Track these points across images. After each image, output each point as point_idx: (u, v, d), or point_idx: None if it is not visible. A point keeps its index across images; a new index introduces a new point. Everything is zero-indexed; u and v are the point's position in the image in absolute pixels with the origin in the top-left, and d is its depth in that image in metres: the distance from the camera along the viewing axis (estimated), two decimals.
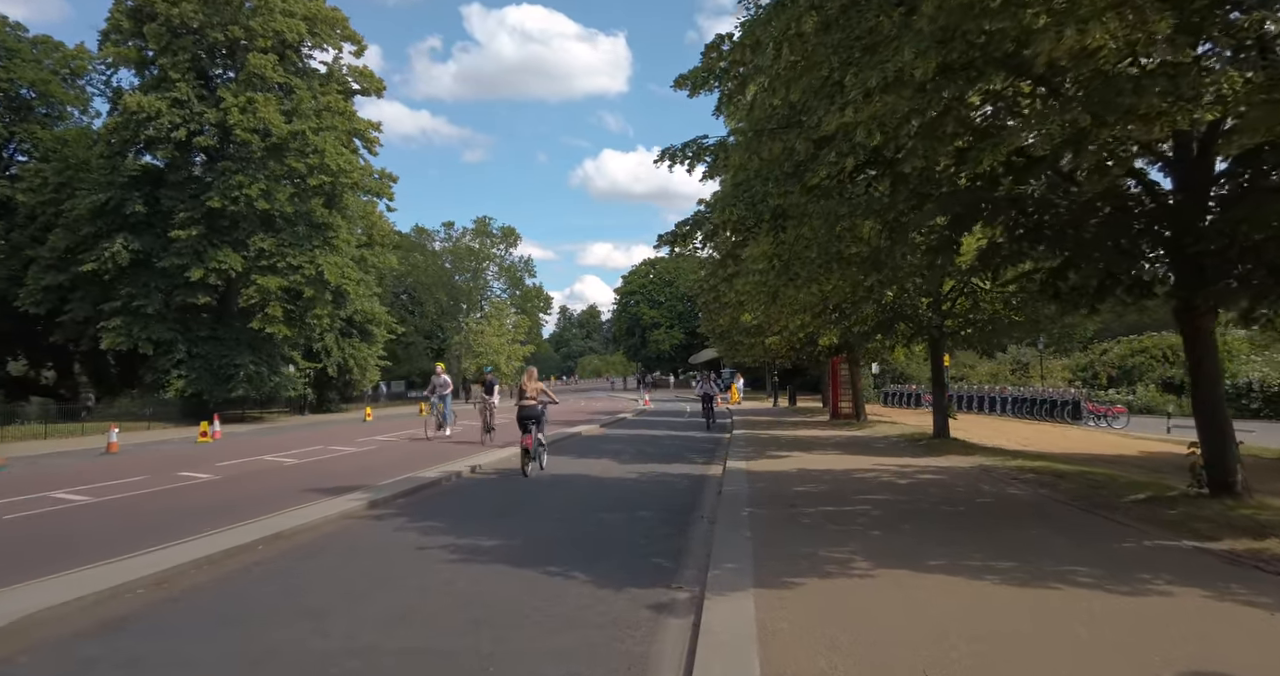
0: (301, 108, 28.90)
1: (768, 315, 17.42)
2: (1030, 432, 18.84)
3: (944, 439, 14.42)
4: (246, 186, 27.61)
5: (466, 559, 5.88)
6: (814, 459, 12.31)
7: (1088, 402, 22.81)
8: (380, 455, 14.46)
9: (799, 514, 7.25)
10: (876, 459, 12.00)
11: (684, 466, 12.54)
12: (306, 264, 29.41)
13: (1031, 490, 8.06)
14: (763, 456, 12.87)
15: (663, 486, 10.29)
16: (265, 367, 30.75)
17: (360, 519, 7.68)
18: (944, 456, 11.95)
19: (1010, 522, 6.44)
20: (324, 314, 31.15)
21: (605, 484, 10.47)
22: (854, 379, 23.14)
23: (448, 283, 60.50)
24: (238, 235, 28.89)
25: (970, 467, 10.38)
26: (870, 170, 7.43)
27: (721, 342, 31.88)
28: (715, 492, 9.29)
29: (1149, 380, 37.92)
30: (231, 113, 26.99)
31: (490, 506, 8.52)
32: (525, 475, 10.98)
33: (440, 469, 11.29)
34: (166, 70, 27.24)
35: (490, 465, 12.38)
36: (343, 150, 29.99)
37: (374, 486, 9.67)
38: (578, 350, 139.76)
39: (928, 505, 7.46)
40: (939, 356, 14.91)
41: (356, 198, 34.30)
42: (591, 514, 8.03)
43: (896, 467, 10.73)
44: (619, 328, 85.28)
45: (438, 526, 7.20)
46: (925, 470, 10.31)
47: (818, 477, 9.87)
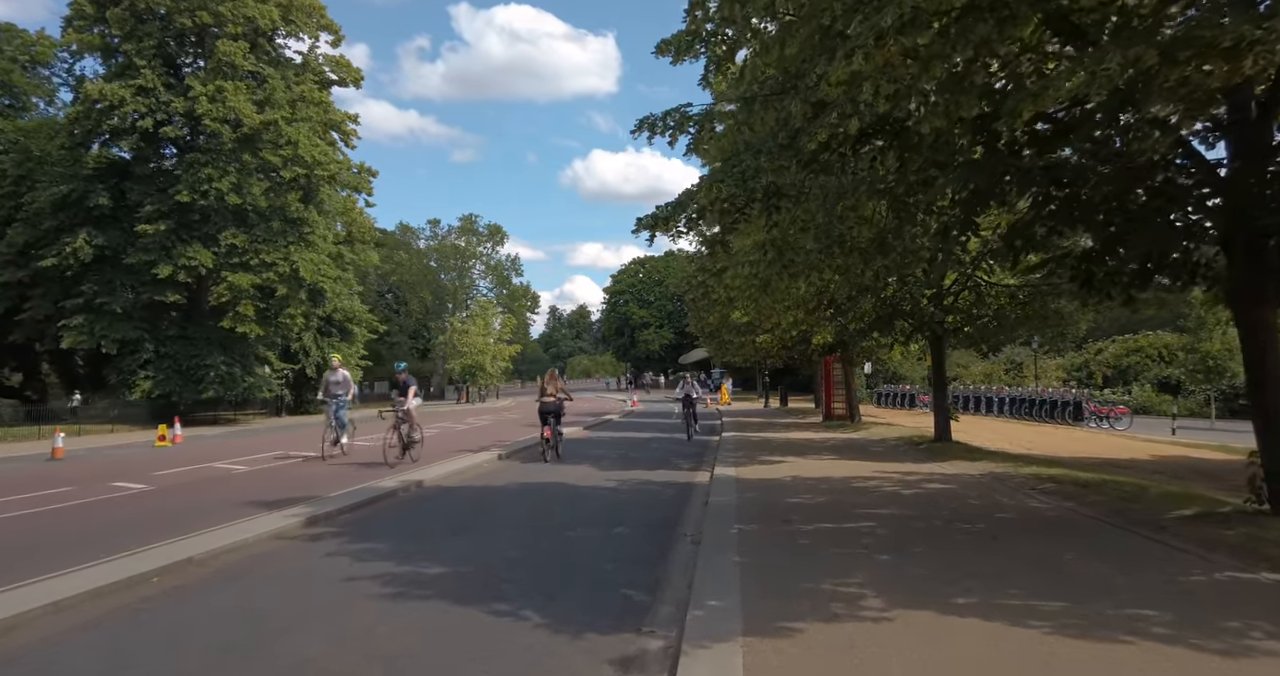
0: (274, 98, 27.76)
1: (759, 311, 16.50)
2: (1033, 435, 18.02)
3: (945, 442, 13.56)
4: (217, 179, 26.49)
5: (400, 594, 4.91)
6: (808, 465, 11.40)
7: (1089, 403, 22.03)
8: (341, 461, 13.43)
9: (795, 532, 6.33)
10: (876, 465, 11.10)
11: (669, 473, 11.61)
12: (281, 261, 28.28)
13: (1055, 503, 7.16)
14: (753, 462, 11.95)
15: (644, 496, 9.35)
16: (238, 368, 29.60)
17: (293, 540, 6.68)
18: (948, 462, 11.07)
19: (1042, 544, 5.53)
20: (299, 312, 30.01)
21: (581, 494, 9.51)
22: (848, 379, 22.29)
23: (433, 281, 59.33)
24: (208, 230, 27.75)
25: (980, 475, 9.49)
26: (876, 140, 6.52)
27: (711, 342, 30.98)
28: (702, 504, 8.37)
29: (1145, 380, 37.40)
30: (200, 102, 25.85)
31: (446, 522, 7.55)
32: (545, 460, 13.09)
33: (400, 478, 10.29)
34: (131, 57, 26.07)
35: (456, 473, 11.39)
36: (318, 142, 28.88)
37: (322, 498, 8.68)
38: (567, 350, 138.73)
39: (941, 522, 6.55)
40: (940, 355, 14.04)
41: (334, 192, 33.17)
42: (560, 531, 7.07)
43: (899, 475, 9.83)
44: (608, 327, 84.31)
45: (379, 549, 6.23)
46: (931, 478, 9.40)
47: (814, 487, 8.96)
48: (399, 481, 9.87)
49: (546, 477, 11.01)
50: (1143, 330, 40.55)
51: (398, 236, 60.52)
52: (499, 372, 48.41)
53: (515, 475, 11.37)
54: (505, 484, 10.30)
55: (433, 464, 12.14)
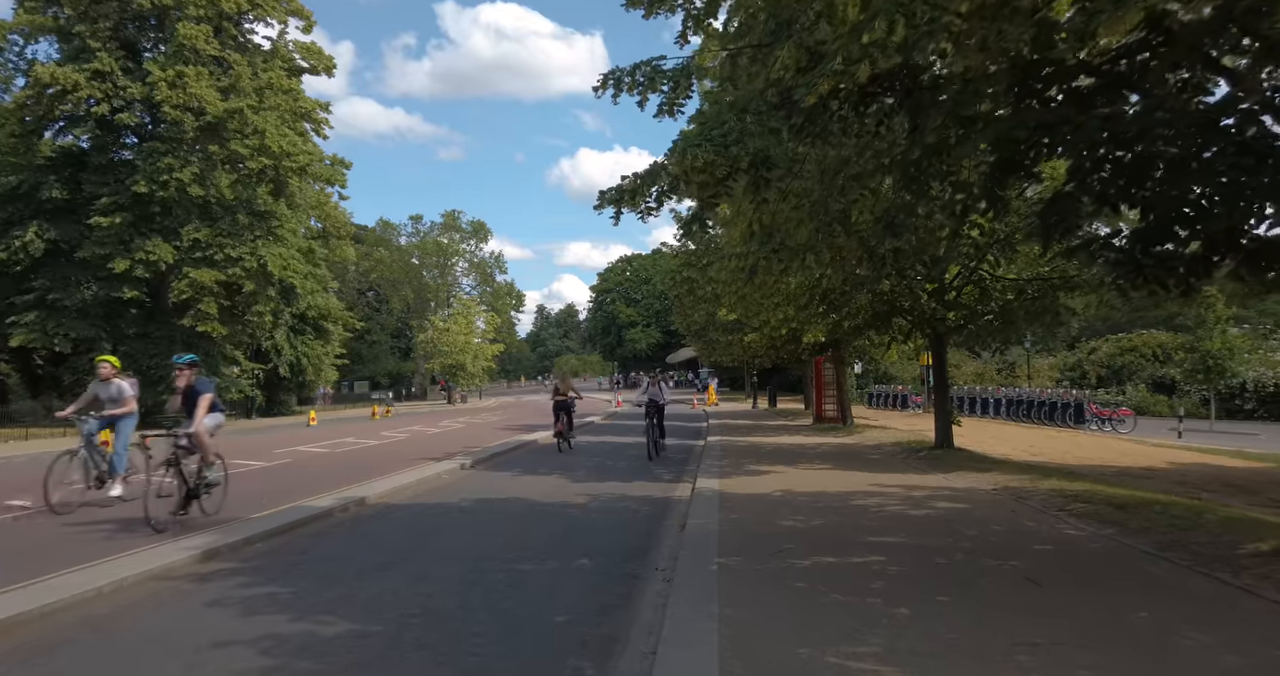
0: (240, 85, 26.41)
1: (745, 308, 15.41)
2: (1035, 439, 17.05)
3: (948, 449, 12.52)
4: (178, 169, 25.16)
5: (277, 669, 3.76)
6: (800, 476, 10.31)
7: (1091, 405, 21.11)
8: (287, 472, 12.22)
9: (788, 569, 5.23)
10: (875, 476, 10.03)
11: (646, 486, 10.48)
12: (247, 255, 26.97)
13: (1094, 530, 6.10)
14: (740, 471, 10.86)
15: (616, 515, 8.22)
16: (202, 368, 28.19)
17: (178, 580, 5.50)
18: (955, 473, 10.01)
19: (1101, 595, 4.45)
20: (267, 310, 28.69)
21: (544, 512, 8.38)
22: (839, 379, 21.26)
23: (415, 279, 57.94)
24: (169, 224, 26.41)
25: (993, 490, 8.43)
26: (885, 98, 5.42)
27: (698, 341, 29.90)
28: (680, 526, 7.26)
29: (1139, 380, 36.68)
30: (159, 87, 24.50)
31: (376, 553, 6.39)
32: (560, 451, 14.54)
33: (340, 495, 9.11)
34: (85, 40, 24.68)
35: (407, 487, 10.20)
36: (287, 132, 27.55)
37: (242, 520, 7.51)
38: (554, 349, 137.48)
39: (963, 555, 5.46)
40: (941, 355, 13.00)
41: (306, 185, 31.83)
42: (510, 564, 5.94)
43: (902, 490, 8.76)
44: (594, 326, 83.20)
45: (278, 595, 5.07)
46: (940, 494, 8.33)
47: (808, 506, 7.86)
48: (336, 499, 8.69)
49: (509, 492, 9.86)
50: (1136, 329, 39.89)
51: (378, 233, 59.12)
52: (480, 372, 47.07)
53: (475, 489, 10.21)
54: (460, 500, 9.14)
55: (385, 476, 10.96)
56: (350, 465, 12.93)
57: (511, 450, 15.48)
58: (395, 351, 63.36)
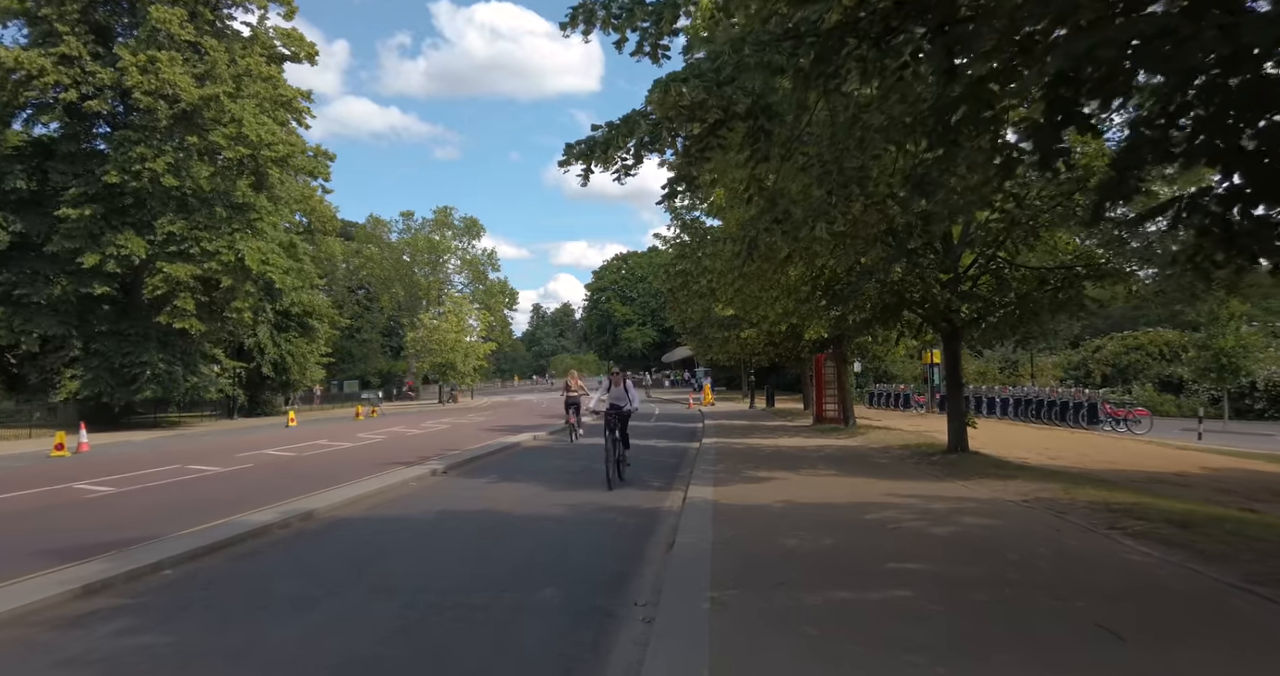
0: (217, 71, 25.29)
1: (743, 302, 14.40)
2: (1050, 441, 16.07)
3: (963, 453, 11.54)
4: (151, 159, 24.04)
5: None
6: (803, 484, 9.31)
7: (1105, 405, 20.13)
8: (241, 479, 11.20)
9: (795, 608, 4.23)
10: (887, 484, 9.03)
11: (632, 494, 9.47)
12: (225, 249, 25.82)
13: (1160, 554, 5.10)
14: (737, 478, 9.86)
15: (596, 531, 7.21)
16: (179, 366, 27.18)
17: (35, 626, 4.46)
18: (975, 480, 9.02)
19: (1195, 649, 3.46)
20: (246, 306, 27.60)
21: (513, 528, 7.36)
22: (840, 378, 20.24)
23: (405, 277, 56.80)
24: (142, 216, 25.28)
25: (1024, 502, 7.43)
26: (915, 28, 4.42)
27: (693, 338, 28.89)
28: (668, 545, 6.27)
29: (1145, 378, 35.80)
30: (130, 73, 23.36)
31: (303, 583, 5.37)
32: (572, 442, 16.10)
33: (286, 508, 8.08)
34: (53, 22, 23.53)
35: (366, 496, 9.17)
36: (265, 120, 26.43)
37: (161, 538, 6.49)
38: (550, 348, 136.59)
39: (1012, 590, 4.46)
40: (955, 351, 12.00)
41: (289, 177, 30.72)
42: (461, 597, 4.93)
43: (920, 502, 7.76)
44: (589, 325, 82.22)
45: (154, 647, 4.05)
46: (964, 507, 7.33)
47: (814, 520, 6.86)
48: (279, 512, 7.67)
49: (478, 502, 8.84)
50: (1141, 326, 39.00)
51: (368, 229, 57.99)
52: (471, 371, 45.98)
53: (442, 498, 9.19)
54: (421, 513, 8.12)
55: (346, 484, 9.93)
56: (314, 471, 11.90)
57: (492, 453, 14.47)
58: (387, 350, 62.25)
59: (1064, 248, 11.57)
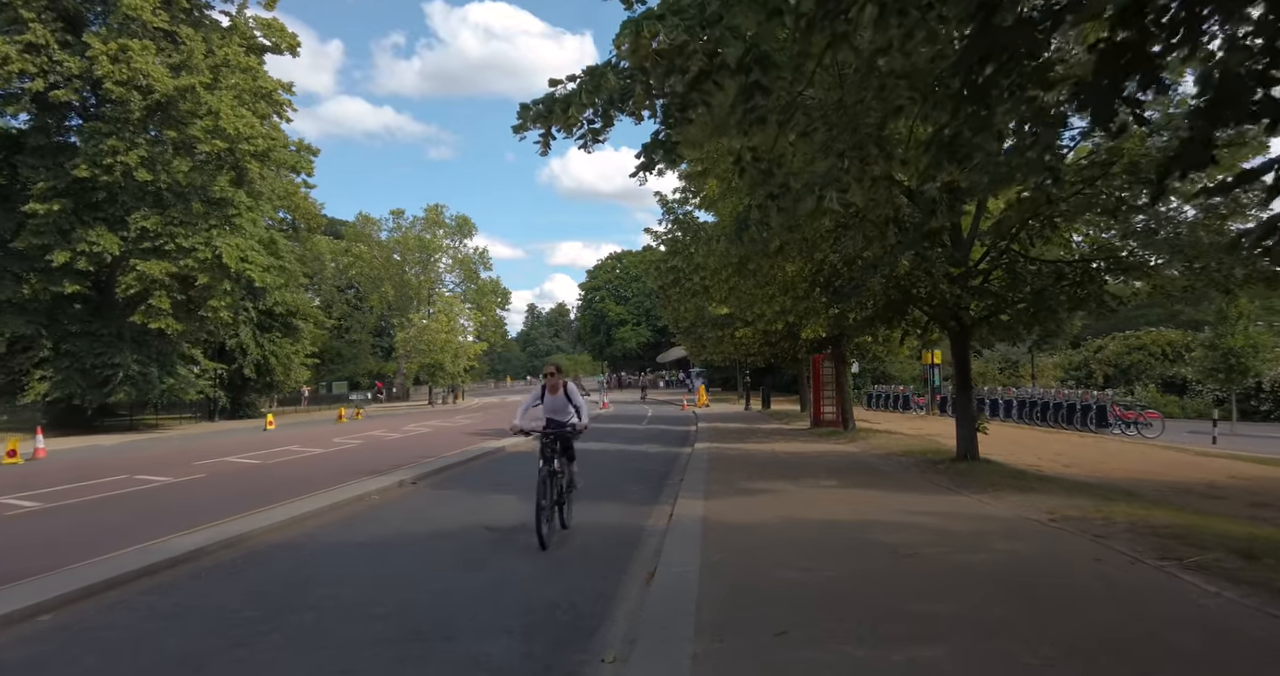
0: (193, 61, 24.36)
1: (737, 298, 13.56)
2: (1060, 446, 15.26)
3: (973, 461, 10.71)
4: (123, 152, 23.09)
5: None
6: (804, 497, 8.47)
7: (1114, 407, 19.34)
8: (189, 491, 10.32)
9: (800, 668, 3.39)
10: (897, 498, 8.20)
11: (615, 510, 8.62)
12: (201, 246, 24.86)
13: (1233, 597, 4.26)
14: (730, 491, 9.01)
15: (566, 557, 6.36)
16: (154, 367, 26.22)
17: None
18: (992, 494, 8.18)
19: None
20: (224, 305, 26.64)
21: (476, 553, 6.50)
22: (839, 379, 19.43)
23: (396, 276, 55.78)
24: (115, 211, 24.35)
25: (1053, 522, 6.59)
26: None
27: (687, 338, 28.04)
28: (647, 576, 5.43)
29: (1148, 379, 35.12)
30: (100, 62, 22.42)
31: (204, 635, 4.49)
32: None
33: (221, 530, 7.21)
34: (18, 8, 22.55)
35: (314, 514, 8.27)
36: (243, 112, 25.50)
37: (57, 571, 5.61)
38: (545, 349, 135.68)
39: (1066, 652, 3.61)
40: (964, 350, 11.17)
41: (270, 172, 29.76)
42: (394, 649, 4.07)
43: (936, 519, 6.92)
44: (584, 325, 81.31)
45: None
46: (987, 529, 6.49)
47: (818, 543, 6.02)
48: (210, 536, 6.79)
49: (443, 519, 7.98)
50: (1143, 326, 38.30)
51: (358, 227, 56.96)
52: (461, 372, 45.07)
53: (402, 516, 8.33)
54: (373, 535, 7.24)
55: (302, 498, 9.06)
56: (272, 482, 11.02)
57: (470, 460, 13.60)
58: (378, 351, 61.24)
59: (1084, 241, 10.77)
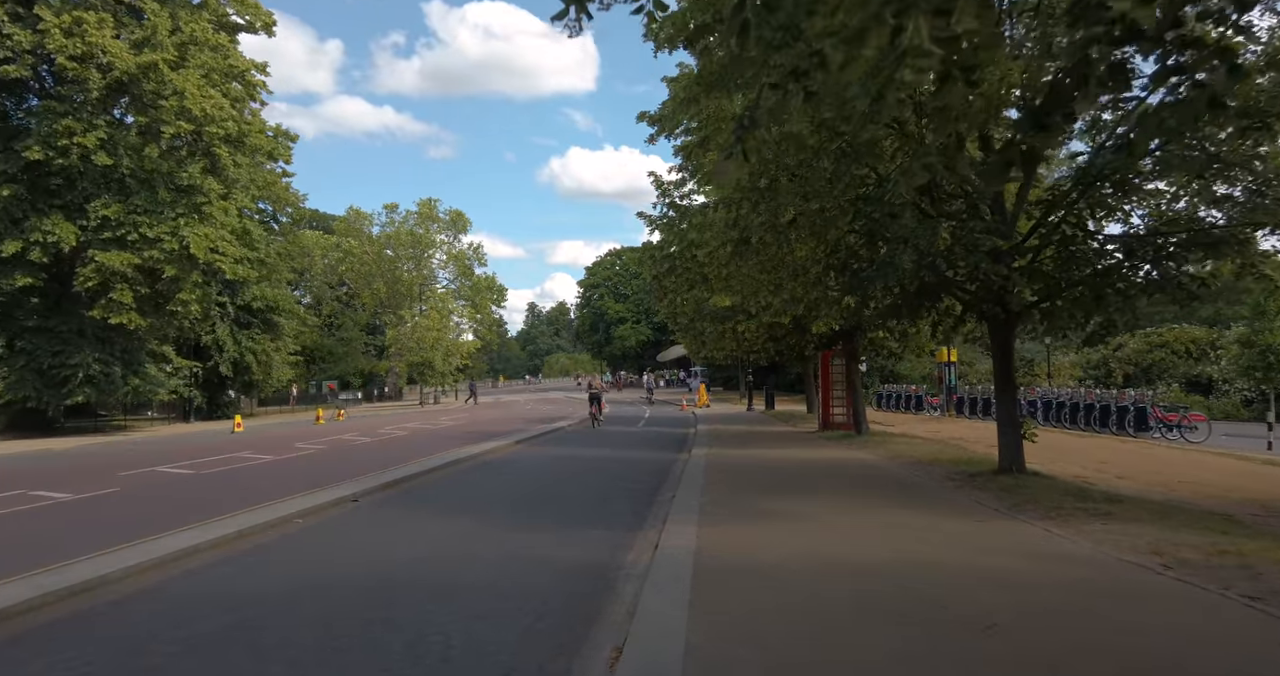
0: (157, 38, 22.70)
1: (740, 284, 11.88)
2: (1103, 453, 13.57)
3: (1019, 474, 9.03)
4: (79, 134, 21.45)
5: None
6: (823, 521, 6.80)
7: (1155, 409, 17.63)
8: (84, 512, 8.66)
9: None
10: (941, 525, 6.52)
11: (591, 537, 6.95)
12: (166, 236, 23.16)
13: None
14: (730, 512, 7.35)
15: (511, 611, 4.69)
16: (118, 366, 24.57)
17: None
18: (1059, 520, 6.50)
19: None
20: (193, 298, 24.99)
21: (396, 611, 4.84)
22: (850, 378, 17.73)
23: (388, 272, 54.07)
24: (73, 198, 22.68)
25: (1168, 570, 4.92)
26: None
27: (686, 335, 26.36)
28: (611, 659, 3.78)
29: (1171, 378, 33.52)
30: (52, 36, 20.79)
31: None
32: (594, 428, 20.20)
33: (68, 574, 5.54)
34: None
35: (223, 541, 6.60)
36: (212, 93, 23.83)
37: None
38: (545, 348, 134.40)
39: None
40: (1006, 343, 9.48)
41: (244, 158, 28.09)
42: None
43: (1004, 561, 5.25)
44: (582, 323, 79.62)
45: None
46: (1082, 578, 4.82)
47: (851, 601, 4.36)
48: (57, 580, 5.14)
49: (379, 550, 6.32)
50: (1167, 324, 36.65)
51: (350, 222, 55.31)
52: (453, 371, 43.42)
53: (324, 546, 6.67)
54: (276, 576, 5.58)
55: (220, 518, 7.39)
56: (194, 499, 9.38)
57: (437, 469, 11.92)
58: (371, 349, 59.60)
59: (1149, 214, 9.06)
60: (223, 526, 7.00)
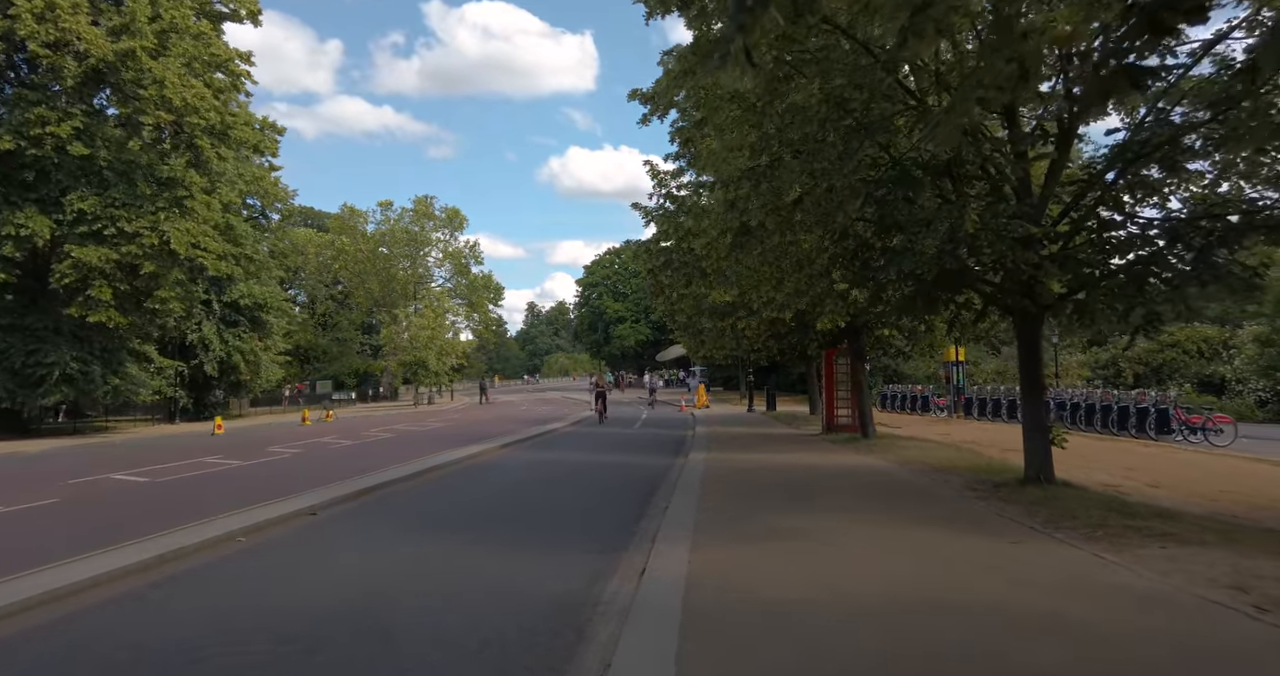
0: (136, 25, 21.84)
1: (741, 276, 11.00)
2: (1126, 457, 12.70)
3: (1049, 485, 8.16)
4: (53, 123, 20.61)
5: None
6: (835, 542, 5.92)
7: (1177, 411, 16.74)
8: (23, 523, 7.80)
9: None
10: (971, 546, 5.64)
11: (570, 561, 6.07)
12: (146, 230, 22.29)
13: None
14: (728, 530, 6.47)
15: (457, 664, 3.82)
16: (97, 366, 23.73)
17: None
18: (1109, 540, 5.63)
19: None
20: (173, 295, 24.11)
21: (319, 645, 3.97)
22: (856, 378, 16.84)
23: (383, 270, 53.18)
24: (47, 191, 21.82)
25: (1265, 614, 4.04)
26: None
27: (684, 334, 25.48)
28: None
29: (1182, 378, 32.70)
30: (23, 20, 19.93)
31: None
32: (600, 423, 23.22)
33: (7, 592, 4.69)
34: None
35: (133, 572, 5.72)
36: (193, 83, 22.95)
37: None
38: (544, 347, 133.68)
39: None
40: (1033, 339, 8.60)
41: (231, 151, 27.23)
42: None
43: (1056, 600, 4.37)
44: (581, 323, 78.79)
45: None
46: (1163, 628, 3.94)
47: (880, 653, 3.48)
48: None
49: (304, 582, 5.45)
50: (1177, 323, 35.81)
51: (344, 219, 54.46)
52: (447, 371, 42.56)
53: (258, 572, 5.80)
54: (186, 617, 4.71)
55: (142, 540, 6.52)
56: (138, 511, 8.52)
57: (409, 478, 11.04)
58: (367, 348, 58.76)
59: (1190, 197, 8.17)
60: (144, 549, 6.12)
